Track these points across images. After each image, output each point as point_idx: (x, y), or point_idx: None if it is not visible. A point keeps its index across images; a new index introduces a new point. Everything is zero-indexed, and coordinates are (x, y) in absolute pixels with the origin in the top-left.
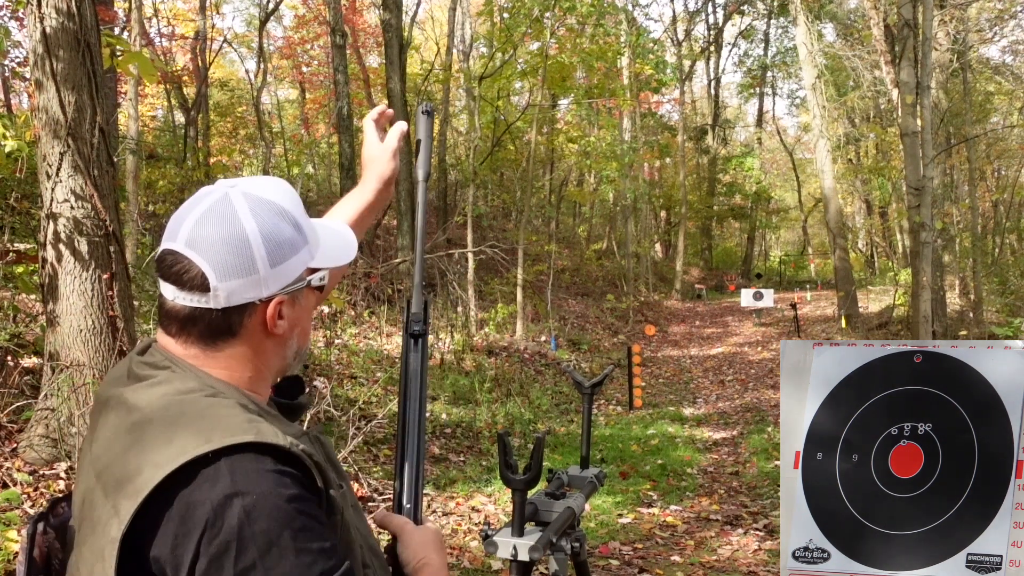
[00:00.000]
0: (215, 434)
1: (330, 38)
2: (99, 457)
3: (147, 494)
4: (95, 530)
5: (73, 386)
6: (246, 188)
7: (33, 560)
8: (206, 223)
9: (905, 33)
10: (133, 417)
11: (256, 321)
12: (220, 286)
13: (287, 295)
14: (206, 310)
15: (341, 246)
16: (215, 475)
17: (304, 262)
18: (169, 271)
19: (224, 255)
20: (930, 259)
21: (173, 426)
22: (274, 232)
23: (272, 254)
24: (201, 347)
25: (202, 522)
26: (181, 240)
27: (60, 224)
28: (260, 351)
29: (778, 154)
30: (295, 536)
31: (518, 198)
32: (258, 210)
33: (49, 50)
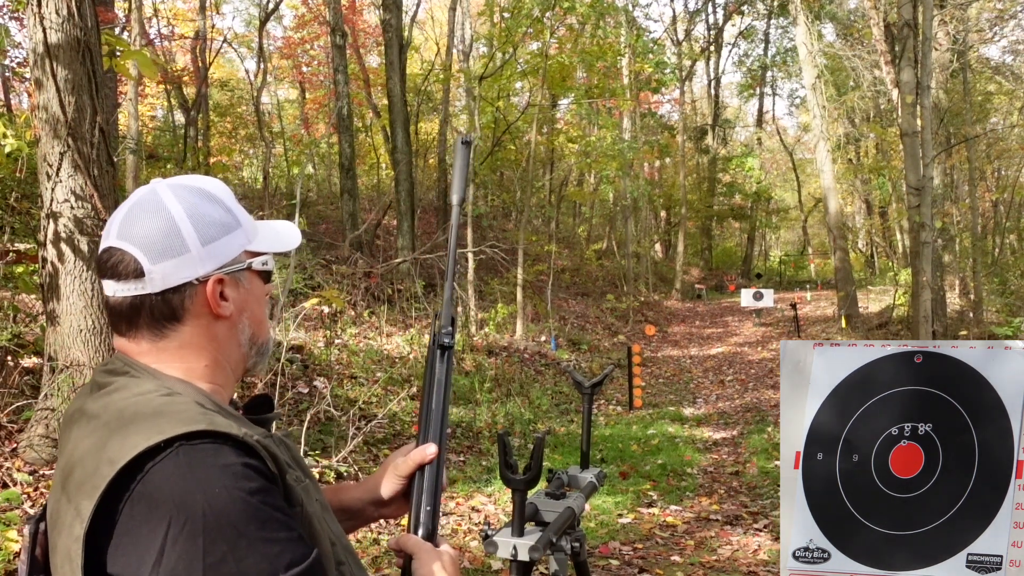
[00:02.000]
0: (167, 426)
1: (330, 38)
2: (63, 466)
3: (103, 490)
4: (62, 534)
5: (73, 386)
6: (172, 181)
7: (35, 559)
8: (135, 216)
9: (905, 33)
10: (91, 423)
11: (199, 303)
12: (154, 268)
13: (227, 275)
14: (145, 296)
15: (282, 233)
16: (173, 468)
17: (240, 244)
18: (106, 267)
19: (153, 238)
20: (930, 259)
21: (128, 425)
22: (201, 212)
23: (202, 232)
24: (150, 339)
25: (166, 517)
26: (113, 235)
27: (60, 224)
28: (211, 337)
29: (778, 154)
30: (262, 527)
31: (518, 198)
32: (183, 194)
33: (49, 50)
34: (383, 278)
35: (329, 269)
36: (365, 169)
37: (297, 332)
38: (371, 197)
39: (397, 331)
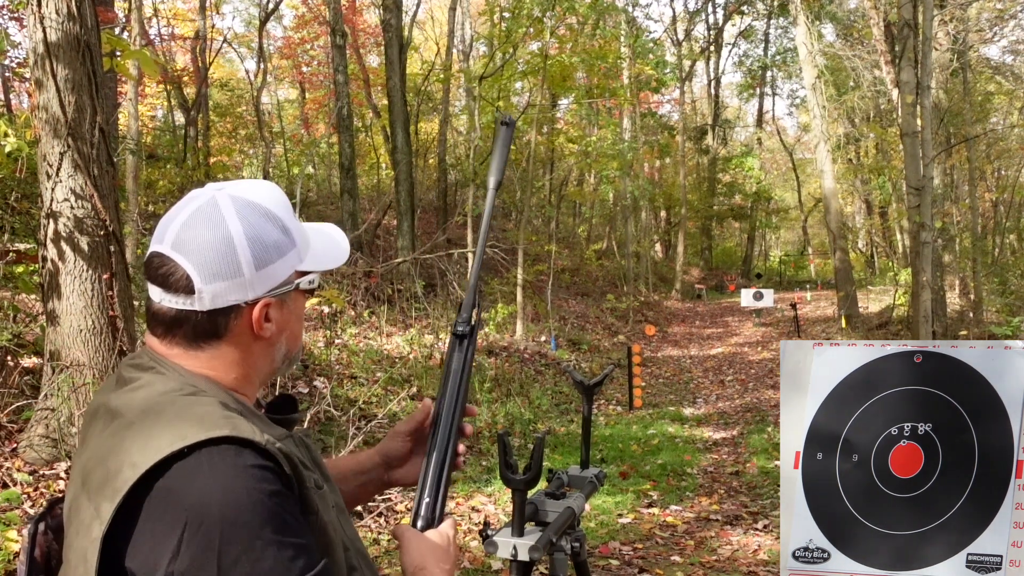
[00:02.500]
0: (191, 430)
1: (330, 38)
2: (85, 463)
3: (125, 493)
4: (79, 533)
5: (73, 386)
6: (233, 191)
7: (34, 560)
8: (192, 226)
9: (905, 33)
10: (115, 422)
11: (243, 324)
12: (205, 288)
13: (274, 298)
14: (191, 312)
15: (332, 249)
16: (194, 470)
17: (292, 265)
18: (155, 273)
19: (209, 257)
20: (930, 259)
21: (151, 426)
22: (260, 235)
23: (258, 257)
24: (185, 347)
25: (182, 518)
26: (167, 243)
27: (60, 224)
28: (247, 354)
29: (778, 154)
30: (277, 530)
31: (518, 198)
32: (244, 212)
33: (49, 50)
34: (383, 278)
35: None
36: (365, 169)
37: None
38: (371, 197)
39: (397, 331)
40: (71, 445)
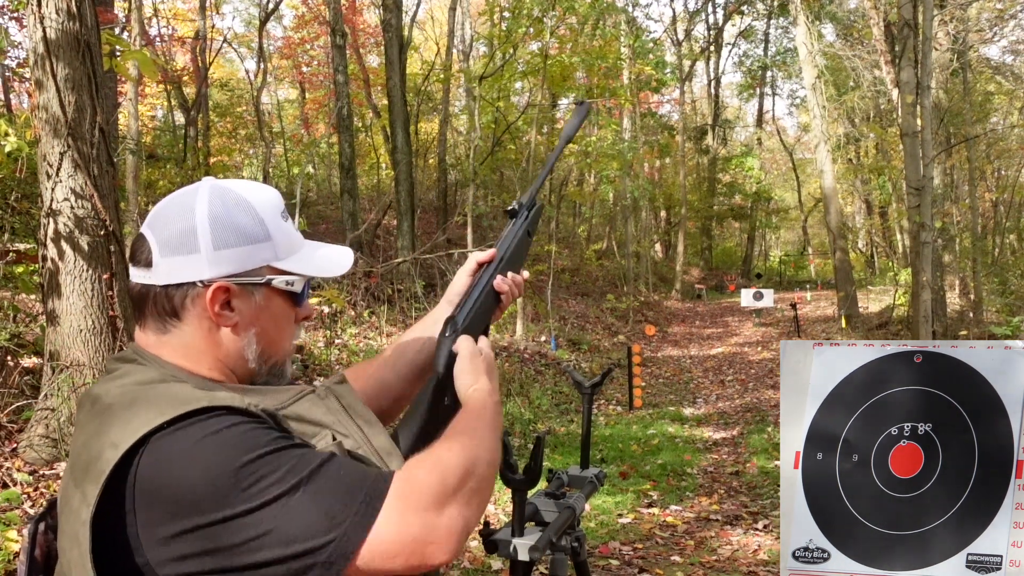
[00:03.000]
0: (168, 407)
1: (330, 38)
2: (72, 452)
3: (108, 474)
4: (68, 519)
5: (73, 386)
6: (220, 183)
7: (34, 559)
8: (165, 206)
9: (905, 33)
10: (95, 407)
11: (200, 306)
12: (161, 261)
13: (236, 285)
14: (151, 286)
15: (324, 260)
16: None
17: (263, 258)
18: (131, 252)
19: (170, 232)
20: (930, 259)
21: (130, 409)
22: (224, 217)
23: (217, 236)
24: (155, 331)
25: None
26: (146, 223)
27: (60, 224)
28: (213, 342)
29: (778, 154)
30: (276, 440)
31: (518, 198)
32: (216, 197)
33: (49, 50)
34: (383, 278)
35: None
36: (365, 169)
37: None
38: (371, 197)
39: (397, 331)
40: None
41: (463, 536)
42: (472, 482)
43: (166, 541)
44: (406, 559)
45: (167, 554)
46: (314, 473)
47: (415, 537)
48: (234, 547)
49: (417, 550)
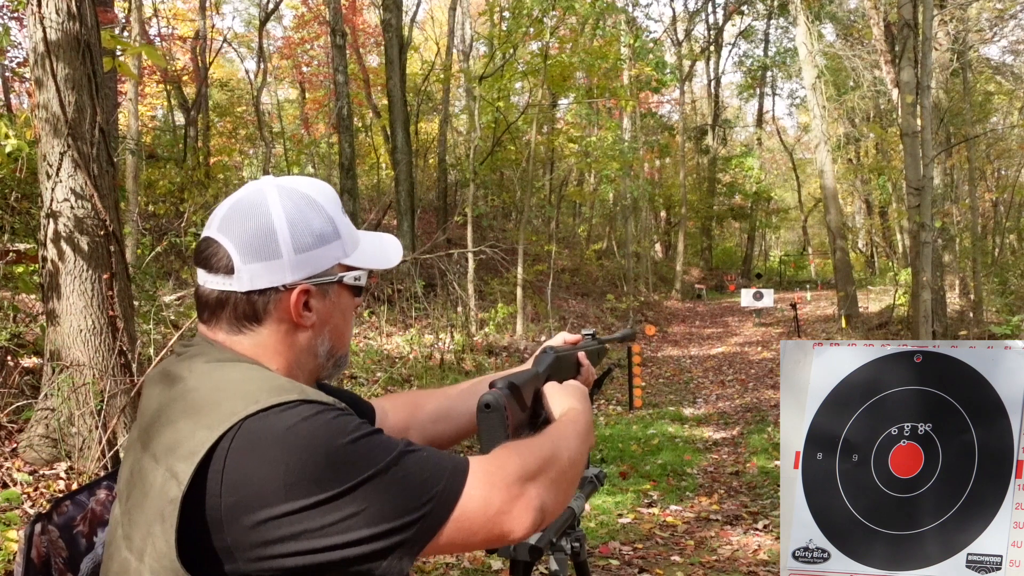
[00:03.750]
0: (262, 395)
1: (330, 38)
2: (147, 429)
3: (203, 455)
4: (148, 495)
5: (73, 386)
6: (283, 182)
7: (31, 561)
8: (237, 209)
9: (905, 33)
10: (177, 387)
11: (281, 309)
12: (244, 268)
13: (314, 286)
14: (231, 293)
15: (381, 251)
16: (272, 417)
17: (335, 256)
18: (201, 256)
19: (249, 238)
20: (930, 259)
21: (218, 391)
22: (300, 219)
23: (297, 240)
24: (228, 332)
25: (274, 461)
26: (213, 226)
27: (60, 224)
28: (289, 343)
29: (778, 154)
30: (361, 426)
31: (518, 198)
32: (288, 199)
33: (49, 49)
34: (383, 278)
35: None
36: (365, 169)
37: None
38: (371, 197)
39: (397, 331)
40: (71, 445)
41: (540, 515)
42: (552, 472)
43: (254, 525)
44: (486, 534)
45: (253, 537)
46: (400, 456)
47: (497, 511)
48: (324, 528)
49: (496, 524)
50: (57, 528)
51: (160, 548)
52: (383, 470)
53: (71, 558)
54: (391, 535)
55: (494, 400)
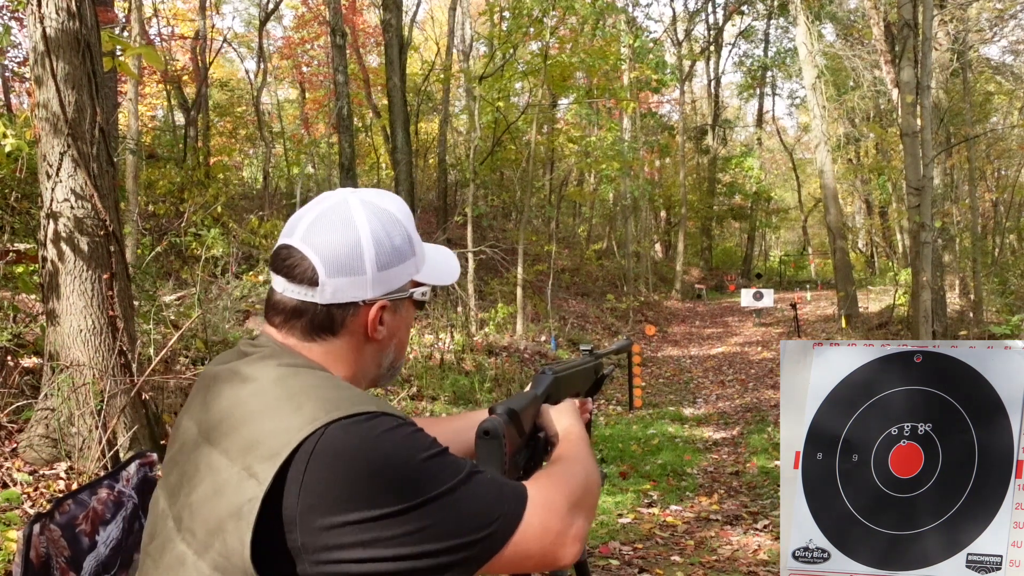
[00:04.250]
0: (343, 403)
1: (330, 38)
2: (215, 425)
3: (286, 457)
4: (221, 492)
5: (73, 386)
6: (364, 196)
7: (30, 562)
8: (323, 222)
9: (905, 33)
10: (249, 386)
11: (358, 322)
12: (328, 282)
13: (390, 302)
14: (311, 304)
15: (445, 266)
16: (352, 427)
17: (410, 273)
18: (282, 264)
19: (335, 252)
20: (930, 259)
21: (299, 395)
22: (385, 238)
23: (380, 258)
24: (300, 339)
25: (357, 468)
26: (297, 236)
27: (60, 224)
28: (358, 354)
29: (778, 154)
30: (435, 444)
31: (518, 198)
32: (373, 216)
33: (49, 48)
34: None
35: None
36: (365, 169)
37: None
38: None
39: None
40: (71, 445)
41: (584, 544)
42: (589, 497)
43: (327, 528)
44: (539, 559)
45: (324, 540)
46: (468, 477)
47: (552, 540)
48: (395, 538)
49: (551, 552)
50: (59, 527)
51: (231, 545)
52: (454, 488)
53: (73, 557)
54: (456, 551)
55: (493, 427)
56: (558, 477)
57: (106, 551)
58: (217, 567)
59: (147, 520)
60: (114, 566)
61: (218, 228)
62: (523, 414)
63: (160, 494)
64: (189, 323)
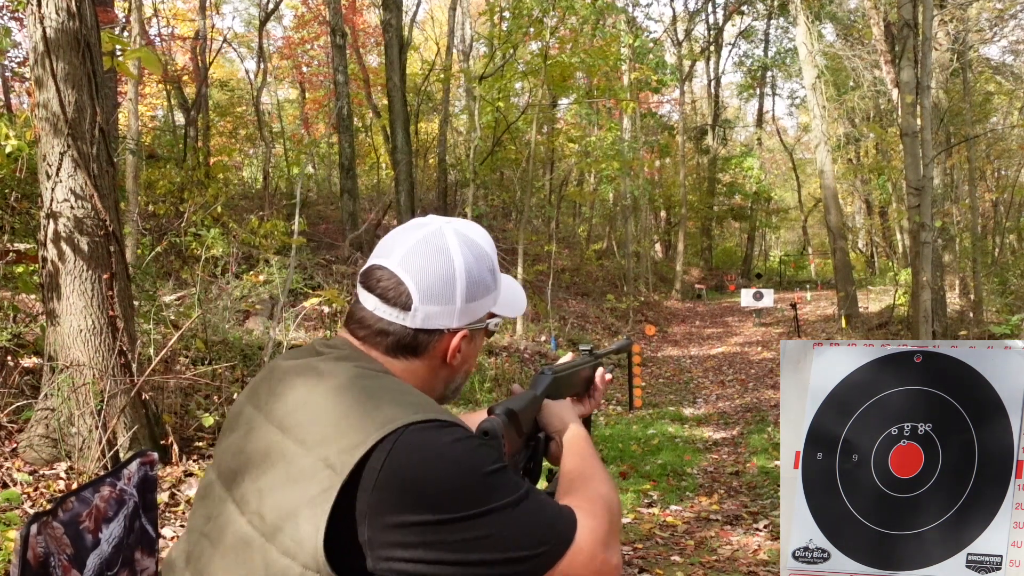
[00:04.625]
0: (422, 408)
1: (330, 38)
2: (288, 414)
3: (366, 451)
4: (296, 480)
5: (73, 386)
6: (458, 227)
7: (27, 563)
8: (420, 250)
9: (905, 33)
10: (329, 383)
11: (439, 348)
12: (420, 308)
13: (470, 331)
14: (401, 326)
15: (514, 300)
16: (428, 435)
17: (489, 305)
18: (377, 284)
19: (430, 281)
20: (930, 259)
21: (379, 395)
22: (475, 271)
23: (470, 290)
24: (382, 354)
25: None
26: (395, 260)
27: (60, 224)
28: (432, 377)
29: (778, 154)
30: (500, 459)
31: (518, 198)
32: (466, 248)
33: (49, 48)
34: None
35: (329, 269)
36: (365, 169)
37: (297, 332)
38: (371, 197)
39: None
40: (71, 445)
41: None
42: (618, 520)
43: (394, 526)
44: None
45: (390, 538)
46: (527, 494)
47: (600, 562)
48: (455, 543)
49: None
50: (63, 524)
51: (305, 531)
52: (515, 503)
53: (76, 555)
54: (513, 564)
55: (492, 428)
56: (600, 505)
57: (109, 549)
58: (287, 552)
59: (198, 503)
60: (116, 564)
61: (218, 228)
62: (522, 414)
63: (214, 478)
64: (189, 323)
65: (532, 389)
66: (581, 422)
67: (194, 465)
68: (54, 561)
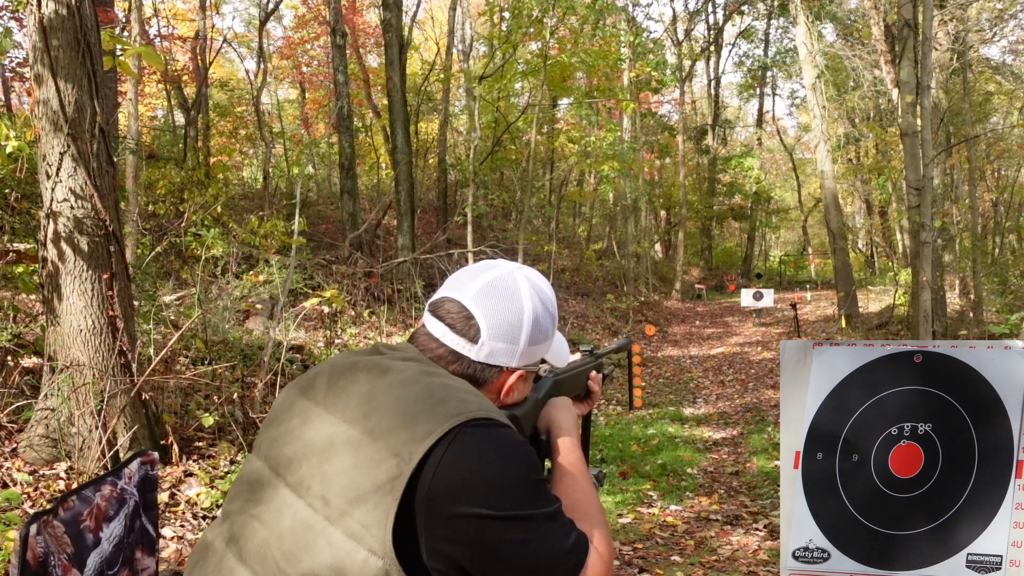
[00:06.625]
0: (483, 408)
1: (330, 38)
2: (352, 405)
3: (433, 442)
4: (364, 467)
5: (73, 386)
6: (528, 274)
7: (27, 563)
8: (494, 288)
9: (905, 33)
10: (395, 377)
11: (497, 383)
12: (487, 343)
13: (525, 372)
14: (466, 357)
15: (563, 351)
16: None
17: (544, 352)
18: (447, 314)
19: (500, 320)
20: (930, 259)
21: (444, 392)
22: (540, 318)
23: (533, 335)
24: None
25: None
26: (468, 295)
27: (60, 224)
28: None
29: (778, 154)
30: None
31: (518, 198)
32: (536, 295)
33: (49, 48)
34: (383, 278)
35: (329, 269)
36: (365, 169)
37: (297, 332)
38: (371, 197)
39: (397, 331)
40: (71, 445)
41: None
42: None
43: (449, 516)
44: None
45: (439, 529)
46: (559, 508)
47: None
48: (496, 542)
49: None
50: (63, 523)
51: (375, 516)
52: (553, 514)
53: (77, 554)
54: (539, 571)
55: None
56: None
57: (110, 548)
58: (352, 535)
59: (241, 489)
60: (117, 563)
61: (218, 228)
62: (523, 418)
63: (260, 465)
64: (189, 323)
65: (534, 392)
66: (578, 424)
67: (194, 465)
68: (54, 560)
